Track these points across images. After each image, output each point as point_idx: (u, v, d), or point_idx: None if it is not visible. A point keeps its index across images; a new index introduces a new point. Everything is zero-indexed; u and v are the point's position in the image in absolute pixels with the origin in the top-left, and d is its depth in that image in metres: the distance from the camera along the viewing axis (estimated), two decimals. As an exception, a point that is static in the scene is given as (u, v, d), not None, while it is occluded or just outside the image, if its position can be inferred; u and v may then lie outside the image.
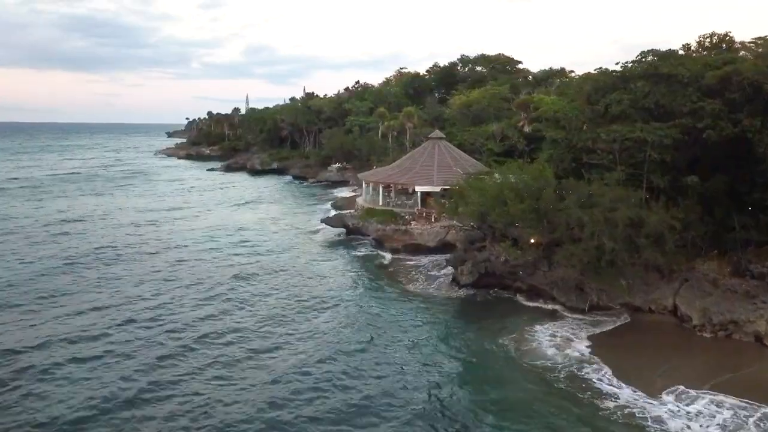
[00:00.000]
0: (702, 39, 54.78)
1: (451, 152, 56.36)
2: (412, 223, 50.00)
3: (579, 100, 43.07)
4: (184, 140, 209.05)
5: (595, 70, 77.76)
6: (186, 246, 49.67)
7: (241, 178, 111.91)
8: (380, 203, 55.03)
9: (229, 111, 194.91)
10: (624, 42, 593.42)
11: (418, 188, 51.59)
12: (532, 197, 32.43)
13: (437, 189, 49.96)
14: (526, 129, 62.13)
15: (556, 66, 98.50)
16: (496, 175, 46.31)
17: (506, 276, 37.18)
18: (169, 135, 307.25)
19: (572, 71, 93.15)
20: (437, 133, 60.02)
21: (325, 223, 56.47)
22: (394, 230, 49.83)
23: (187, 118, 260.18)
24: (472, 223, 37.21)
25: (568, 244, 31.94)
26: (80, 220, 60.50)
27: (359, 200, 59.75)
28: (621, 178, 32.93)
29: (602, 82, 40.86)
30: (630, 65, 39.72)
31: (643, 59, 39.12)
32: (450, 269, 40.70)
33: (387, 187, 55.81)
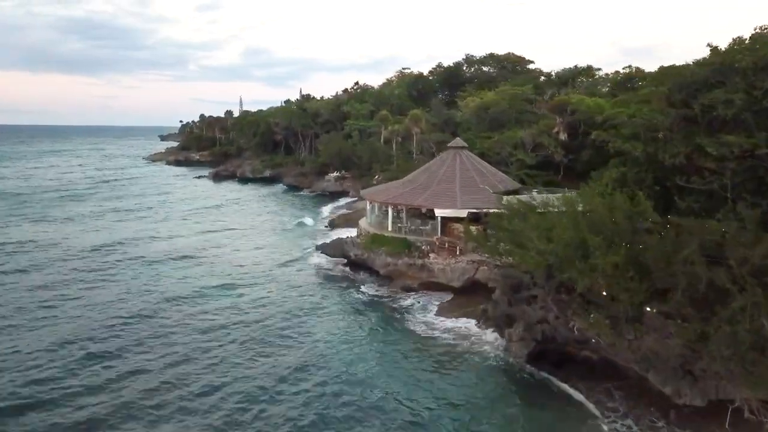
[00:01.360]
0: (761, 31, 44.79)
1: (476, 165, 45.99)
2: (431, 255, 39.63)
3: (655, 101, 32.89)
4: (177, 144, 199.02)
5: (615, 72, 66.57)
6: (144, 294, 37.63)
7: (229, 188, 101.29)
8: (389, 228, 44.66)
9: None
10: (622, 44, 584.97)
11: (438, 212, 41.04)
12: (624, 242, 21.92)
13: (463, 213, 39.56)
14: (562, 136, 51.90)
15: (559, 67, 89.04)
16: (537, 194, 36.29)
17: (571, 343, 26.94)
18: (162, 138, 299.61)
19: (599, 69, 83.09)
20: (458, 141, 49.27)
21: (322, 252, 46.25)
22: (408, 264, 39.41)
23: (181, 121, 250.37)
24: (527, 271, 26.55)
25: (676, 305, 21.48)
26: (28, 251, 49.53)
27: (362, 223, 49.16)
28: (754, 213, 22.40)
29: (690, 77, 30.73)
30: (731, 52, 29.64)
31: (757, 43, 28.96)
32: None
33: (397, 206, 45.39)
